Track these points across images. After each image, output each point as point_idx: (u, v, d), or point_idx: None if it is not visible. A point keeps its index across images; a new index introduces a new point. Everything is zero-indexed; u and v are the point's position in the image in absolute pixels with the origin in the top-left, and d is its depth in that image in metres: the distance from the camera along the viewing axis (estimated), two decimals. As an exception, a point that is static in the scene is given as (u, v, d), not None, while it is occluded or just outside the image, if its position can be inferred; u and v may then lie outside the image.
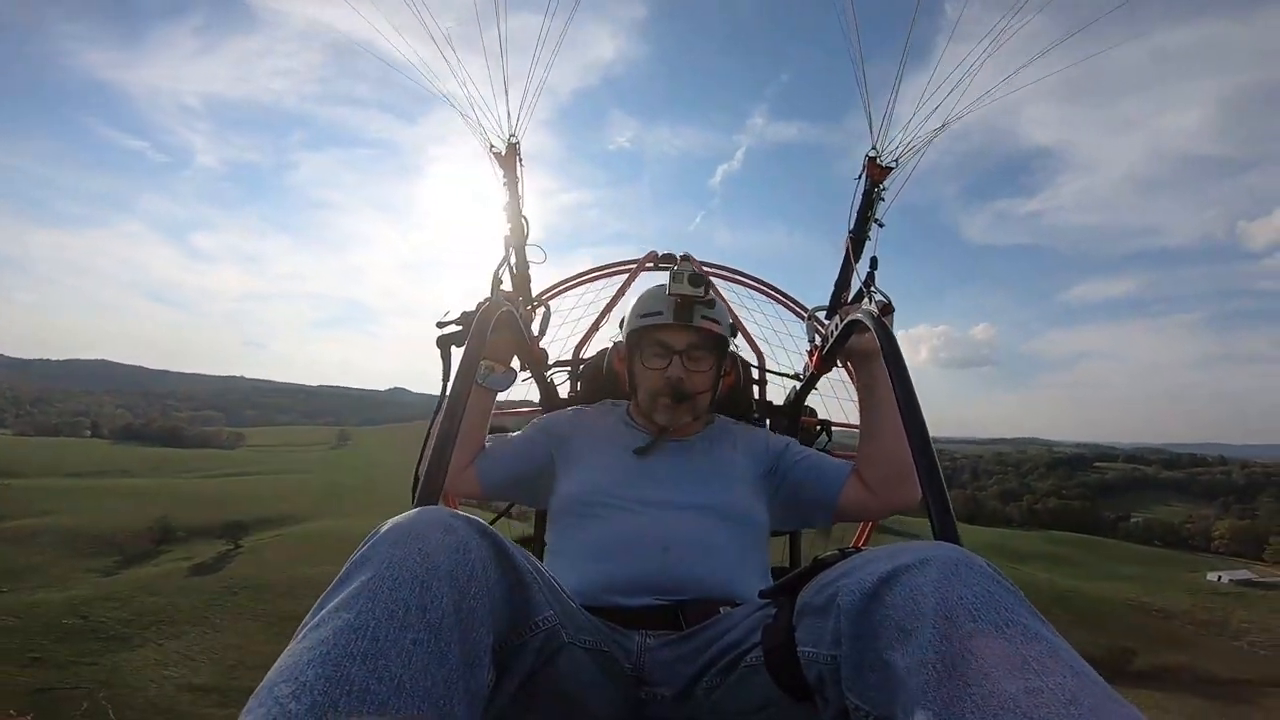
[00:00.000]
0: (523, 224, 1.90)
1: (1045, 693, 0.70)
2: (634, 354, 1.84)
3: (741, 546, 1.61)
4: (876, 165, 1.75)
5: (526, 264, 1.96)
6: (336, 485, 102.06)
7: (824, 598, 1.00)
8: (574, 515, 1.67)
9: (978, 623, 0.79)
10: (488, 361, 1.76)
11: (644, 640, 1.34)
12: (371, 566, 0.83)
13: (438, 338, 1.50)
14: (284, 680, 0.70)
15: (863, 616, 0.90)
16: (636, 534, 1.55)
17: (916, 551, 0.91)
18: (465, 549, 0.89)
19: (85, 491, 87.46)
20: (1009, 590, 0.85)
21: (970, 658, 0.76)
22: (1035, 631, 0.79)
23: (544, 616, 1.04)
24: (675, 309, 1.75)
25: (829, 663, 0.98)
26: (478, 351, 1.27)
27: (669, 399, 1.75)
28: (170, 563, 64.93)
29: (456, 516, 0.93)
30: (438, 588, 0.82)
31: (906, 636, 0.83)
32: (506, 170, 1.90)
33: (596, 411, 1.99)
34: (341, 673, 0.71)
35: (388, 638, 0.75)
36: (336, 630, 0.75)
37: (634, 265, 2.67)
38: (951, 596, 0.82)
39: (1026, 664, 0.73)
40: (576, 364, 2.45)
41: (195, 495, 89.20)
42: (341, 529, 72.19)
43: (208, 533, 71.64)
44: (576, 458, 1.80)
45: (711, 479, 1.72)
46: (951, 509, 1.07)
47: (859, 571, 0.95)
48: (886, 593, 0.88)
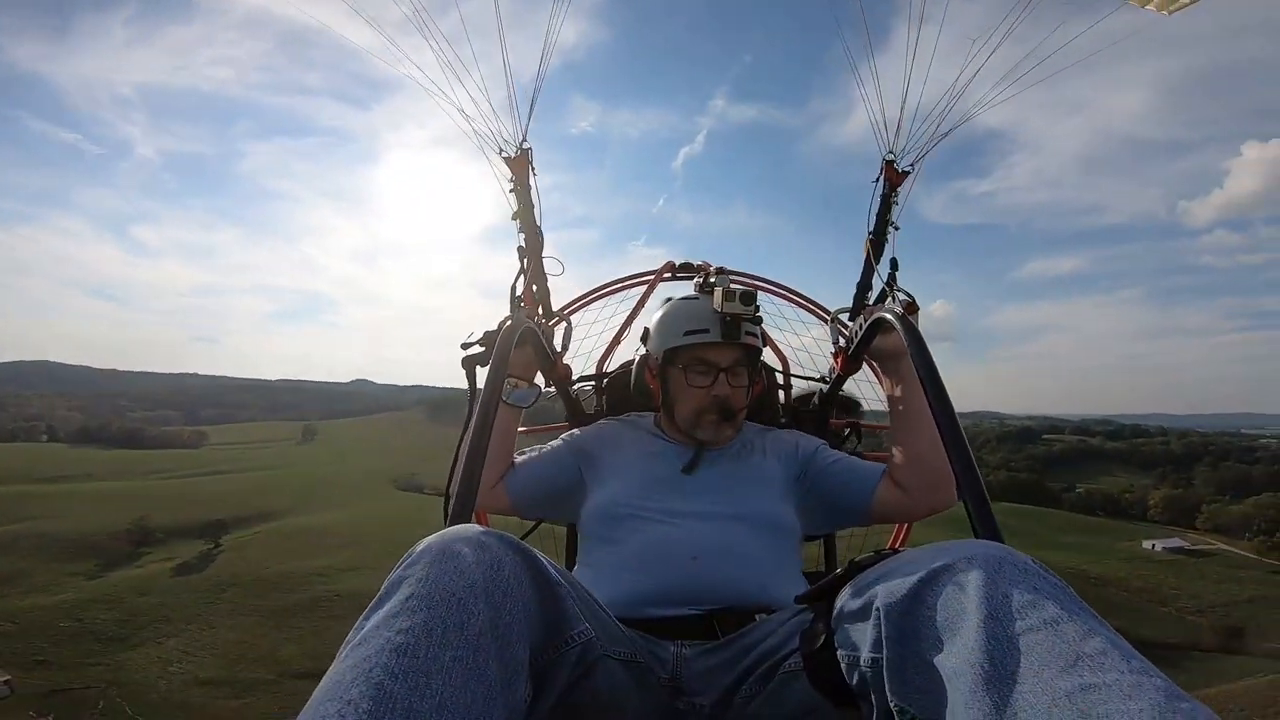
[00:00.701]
0: (538, 235, 1.89)
1: (1102, 689, 0.68)
2: (671, 370, 1.81)
3: (774, 552, 1.61)
4: (894, 170, 1.76)
5: (545, 277, 1.95)
6: (308, 480, 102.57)
7: (862, 600, 0.99)
8: (604, 528, 1.68)
9: (1026, 620, 0.77)
10: (512, 378, 1.74)
11: (680, 650, 1.34)
12: (409, 585, 0.84)
13: (463, 359, 1.51)
14: (329, 699, 0.72)
15: (904, 618, 0.89)
16: (666, 545, 1.56)
17: (958, 550, 0.90)
18: (499, 565, 0.89)
19: (55, 496, 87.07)
20: (1058, 586, 0.83)
21: (1020, 656, 0.74)
22: (1088, 627, 0.76)
23: (579, 630, 1.04)
24: (725, 326, 1.73)
25: (870, 666, 0.96)
26: (502, 371, 1.29)
27: (716, 416, 1.75)
28: (153, 564, 65.95)
29: (489, 533, 0.94)
30: (474, 604, 0.83)
31: (952, 637, 0.81)
32: (518, 175, 1.87)
33: (623, 424, 1.98)
34: (385, 691, 0.72)
35: (428, 655, 0.76)
36: (378, 649, 0.76)
37: (652, 276, 2.66)
38: (997, 595, 0.81)
39: (1080, 660, 0.72)
40: (600, 377, 2.44)
41: (166, 496, 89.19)
42: (319, 524, 73.70)
43: (186, 533, 72.44)
44: (605, 471, 1.80)
45: (741, 486, 1.71)
46: (990, 506, 1.06)
47: (898, 573, 0.94)
48: (928, 593, 0.87)
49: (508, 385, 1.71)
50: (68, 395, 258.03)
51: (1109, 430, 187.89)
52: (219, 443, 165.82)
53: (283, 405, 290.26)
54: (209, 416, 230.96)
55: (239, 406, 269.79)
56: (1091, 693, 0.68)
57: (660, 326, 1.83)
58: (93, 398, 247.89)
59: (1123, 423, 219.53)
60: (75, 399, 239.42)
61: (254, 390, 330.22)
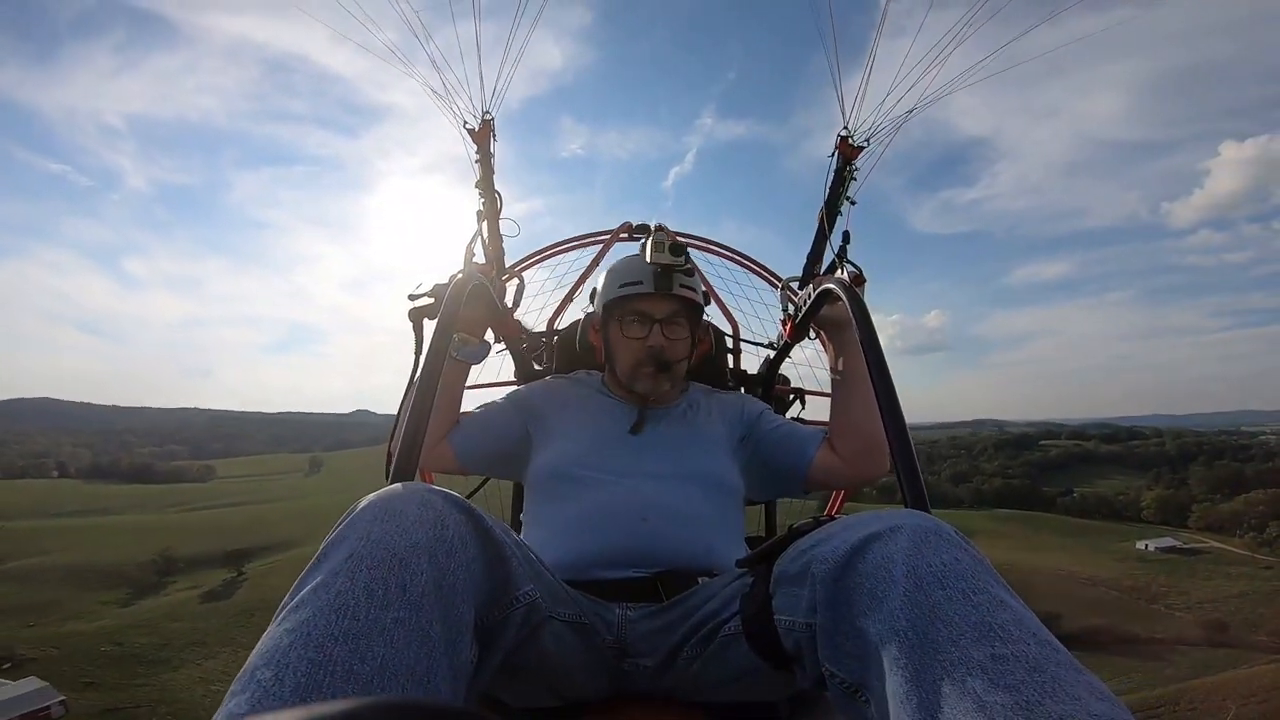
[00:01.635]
0: (496, 198, 1.91)
1: (1010, 660, 0.71)
2: (611, 324, 1.79)
3: (720, 514, 1.60)
4: (849, 144, 1.77)
5: (500, 237, 1.95)
6: (319, 510, 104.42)
7: (799, 566, 1.01)
8: (551, 488, 1.63)
9: (946, 590, 0.80)
10: (461, 334, 1.71)
11: (624, 612, 1.33)
12: (349, 545, 0.81)
13: (410, 310, 1.45)
14: (265, 664, 0.69)
15: (836, 584, 0.91)
16: (614, 505, 1.52)
17: (887, 520, 0.92)
18: (443, 524, 0.87)
19: (76, 530, 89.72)
20: (976, 559, 0.86)
21: (940, 624, 0.77)
22: (1001, 600, 0.79)
23: (524, 591, 1.02)
24: (656, 278, 1.72)
25: (805, 631, 0.98)
26: (450, 324, 1.25)
27: (651, 368, 1.72)
28: (179, 592, 68.33)
29: (433, 491, 0.91)
30: (417, 564, 0.81)
31: (878, 604, 0.83)
32: (480, 146, 1.90)
33: (570, 382, 1.93)
34: (324, 654, 0.70)
35: (369, 617, 0.74)
36: (317, 610, 0.74)
37: (608, 236, 2.61)
38: (921, 564, 0.83)
39: (993, 631, 0.75)
40: (551, 335, 2.40)
41: (184, 528, 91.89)
42: None
43: (209, 562, 75.09)
44: (552, 430, 1.75)
45: (689, 446, 1.70)
46: (922, 477, 1.08)
47: (833, 540, 0.95)
48: (859, 561, 0.89)
49: (456, 340, 1.70)
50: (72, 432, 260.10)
51: (1104, 434, 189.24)
52: (228, 476, 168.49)
53: (285, 437, 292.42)
54: (214, 450, 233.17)
55: (241, 439, 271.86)
56: (1001, 663, 0.71)
57: (602, 285, 1.84)
58: (98, 434, 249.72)
59: (1122, 425, 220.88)
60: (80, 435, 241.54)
61: (255, 423, 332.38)
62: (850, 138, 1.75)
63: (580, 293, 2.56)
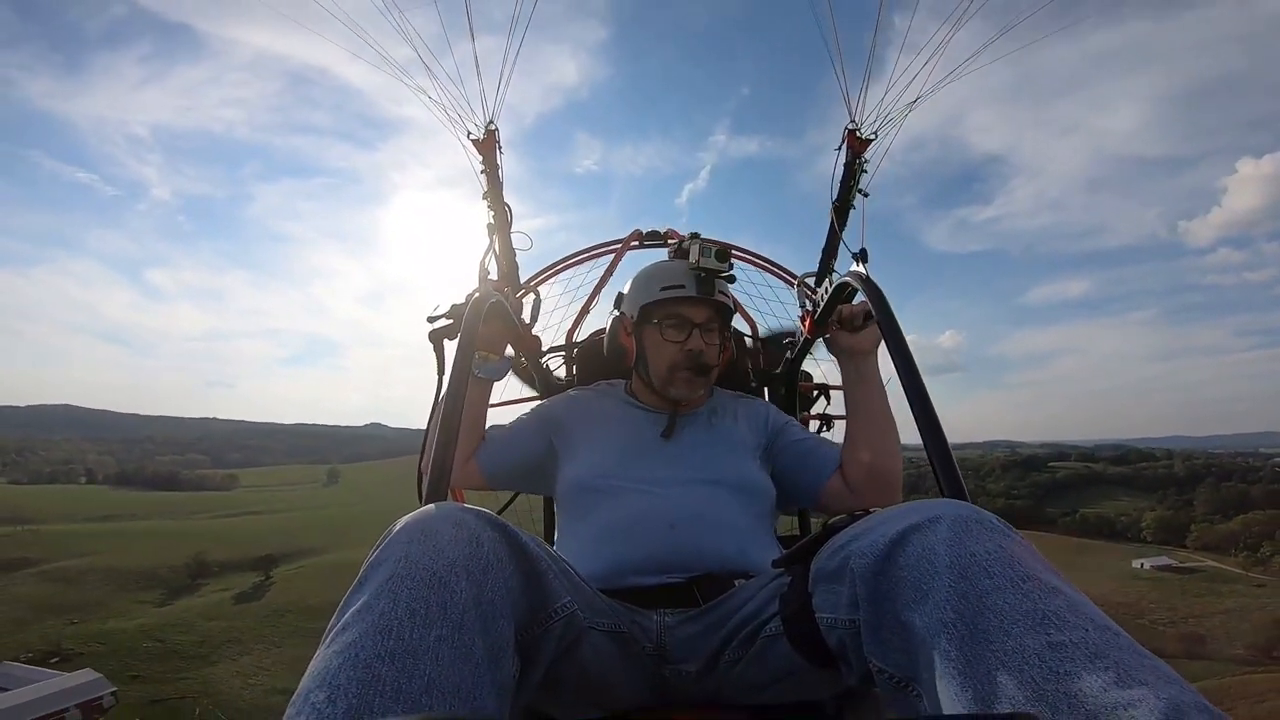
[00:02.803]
0: (505, 211, 1.88)
1: (1069, 647, 0.70)
2: (646, 326, 1.77)
3: (751, 518, 1.59)
4: (856, 137, 1.75)
5: (512, 251, 1.92)
6: (339, 520, 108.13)
7: (837, 562, 0.99)
8: (580, 499, 1.63)
9: (994, 579, 0.78)
10: (481, 352, 1.71)
11: (662, 619, 1.32)
12: (388, 567, 0.83)
13: (430, 332, 1.45)
14: (318, 686, 0.71)
15: (878, 579, 0.89)
16: (643, 513, 1.53)
17: (925, 510, 0.90)
18: (478, 542, 0.88)
19: (110, 534, 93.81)
20: (1022, 545, 0.84)
21: (989, 614, 0.75)
22: (1053, 585, 0.78)
23: (562, 603, 1.03)
24: (699, 282, 1.72)
25: (848, 627, 0.97)
26: (471, 343, 1.27)
27: (690, 372, 1.71)
28: (212, 594, 72.20)
29: (465, 510, 0.93)
30: (455, 583, 0.82)
31: (923, 596, 0.82)
32: (485, 157, 1.87)
33: (593, 393, 1.94)
34: (373, 674, 0.71)
35: (412, 636, 0.76)
36: (363, 633, 0.76)
37: (619, 245, 2.59)
38: (965, 554, 0.82)
39: (1047, 619, 0.73)
40: (570, 348, 2.40)
41: (211, 534, 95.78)
42: (356, 559, 76.83)
43: (239, 567, 79.12)
44: (577, 442, 1.75)
45: (716, 451, 1.70)
46: (957, 466, 1.07)
47: (870, 534, 0.94)
48: (899, 554, 0.88)
49: (477, 359, 1.69)
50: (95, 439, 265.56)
51: (1114, 456, 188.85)
52: (249, 485, 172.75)
53: (302, 449, 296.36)
54: (234, 460, 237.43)
55: (261, 450, 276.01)
56: (1059, 650, 0.70)
57: (635, 286, 1.82)
58: (121, 442, 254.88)
59: (1140, 447, 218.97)
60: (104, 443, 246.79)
61: (273, 434, 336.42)
62: (858, 130, 1.77)
63: (596, 304, 2.55)
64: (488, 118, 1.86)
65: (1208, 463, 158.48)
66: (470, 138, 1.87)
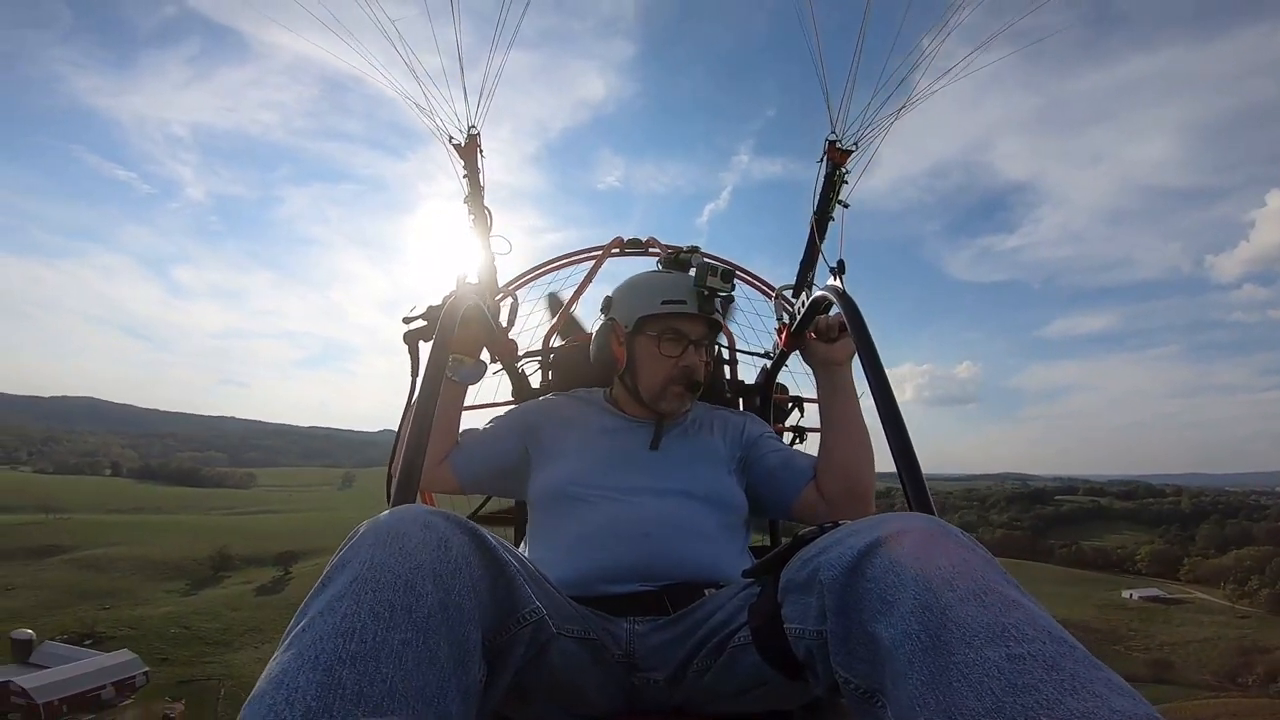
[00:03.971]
0: (486, 215, 1.88)
1: (1027, 659, 0.71)
2: (640, 338, 1.76)
3: (723, 529, 1.60)
4: (836, 149, 1.76)
5: (492, 255, 1.92)
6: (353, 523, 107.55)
7: (806, 574, 1.00)
8: (553, 506, 1.63)
9: (956, 591, 0.79)
10: (456, 355, 1.70)
11: (632, 627, 1.33)
12: (353, 568, 0.82)
13: (405, 333, 1.44)
14: (275, 688, 0.69)
15: (845, 590, 0.90)
16: (616, 521, 1.53)
17: (893, 523, 0.92)
18: (446, 545, 0.88)
19: (135, 526, 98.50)
20: (985, 560, 0.86)
21: (952, 627, 0.76)
22: (1013, 599, 0.79)
23: (530, 609, 1.02)
24: (701, 300, 1.71)
25: (816, 638, 0.97)
26: (446, 345, 1.26)
27: (682, 387, 1.72)
28: (234, 586, 76.06)
29: (435, 513, 0.92)
30: (422, 586, 0.81)
31: (889, 608, 0.83)
32: (467, 162, 1.87)
33: (569, 400, 1.92)
34: (333, 677, 0.70)
35: (376, 639, 0.74)
36: (324, 635, 0.74)
37: (600, 251, 2.58)
38: (930, 567, 0.83)
39: (1007, 631, 0.74)
40: (547, 353, 2.39)
41: (233, 530, 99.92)
42: None
43: (260, 561, 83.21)
44: (551, 448, 1.74)
45: (691, 463, 1.69)
46: (925, 481, 1.07)
47: (839, 546, 0.95)
48: (867, 566, 0.88)
49: (452, 362, 1.69)
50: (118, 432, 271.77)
51: (1121, 491, 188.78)
52: (267, 485, 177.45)
53: (315, 451, 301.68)
54: (251, 459, 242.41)
55: (276, 451, 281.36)
56: (1017, 663, 0.70)
57: (632, 294, 1.80)
58: (143, 437, 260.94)
59: (1151, 483, 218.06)
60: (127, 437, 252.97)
61: (287, 435, 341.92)
62: (838, 142, 1.77)
63: (575, 310, 2.54)
64: (469, 122, 1.86)
65: (1215, 499, 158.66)
66: (452, 142, 1.87)
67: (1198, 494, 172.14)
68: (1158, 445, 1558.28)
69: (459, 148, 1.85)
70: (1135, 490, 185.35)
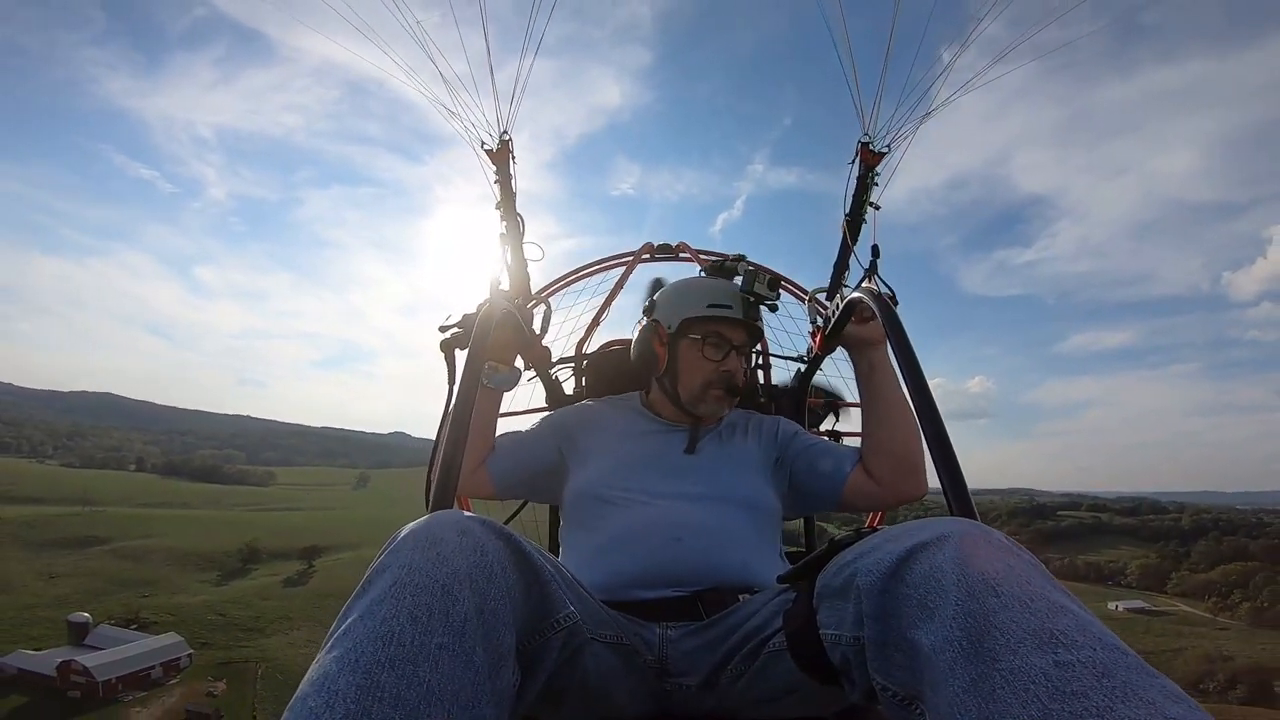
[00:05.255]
0: (518, 221, 1.87)
1: (1076, 666, 0.69)
2: (683, 340, 1.76)
3: (756, 533, 1.58)
4: (869, 151, 1.74)
5: (524, 262, 1.92)
6: (370, 521, 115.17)
7: (843, 579, 0.99)
8: (587, 510, 1.64)
9: (1001, 597, 0.77)
10: (491, 362, 1.70)
11: (665, 632, 1.33)
12: (392, 573, 0.83)
13: (441, 341, 1.44)
14: (316, 690, 0.71)
15: (884, 596, 0.89)
16: (648, 526, 1.53)
17: (933, 528, 0.90)
18: (482, 550, 0.88)
19: (165, 519, 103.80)
20: (1030, 563, 0.84)
21: (996, 633, 0.74)
22: (1060, 604, 0.77)
23: (564, 614, 1.03)
24: (746, 306, 1.73)
25: (852, 644, 0.96)
26: (481, 353, 1.26)
27: (722, 390, 1.72)
28: (262, 578, 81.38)
29: (471, 519, 0.93)
30: (458, 591, 0.82)
31: (930, 614, 0.81)
32: (499, 167, 1.86)
33: (604, 405, 1.94)
34: (372, 680, 0.71)
35: (414, 643, 0.75)
36: (363, 638, 0.75)
37: (630, 258, 2.59)
38: (972, 571, 0.81)
39: (1055, 637, 0.72)
40: (580, 360, 2.40)
41: (258, 525, 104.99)
42: None
43: (286, 555, 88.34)
44: (586, 453, 1.76)
45: (724, 468, 1.69)
46: (966, 484, 1.05)
47: (876, 551, 0.93)
48: (906, 571, 0.87)
49: (487, 368, 1.69)
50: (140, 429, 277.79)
51: (1122, 507, 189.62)
52: (286, 483, 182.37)
53: (331, 452, 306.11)
54: (269, 458, 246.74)
55: (294, 451, 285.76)
56: (1066, 669, 0.69)
57: (678, 297, 1.80)
58: (164, 433, 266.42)
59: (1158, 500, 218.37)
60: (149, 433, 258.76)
61: (303, 436, 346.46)
62: (871, 144, 1.77)
63: (606, 316, 2.54)
64: (502, 128, 1.86)
65: (1217, 517, 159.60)
66: (484, 148, 1.87)
67: (1200, 511, 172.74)
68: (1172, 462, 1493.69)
69: (491, 153, 1.89)
70: (1138, 507, 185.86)
